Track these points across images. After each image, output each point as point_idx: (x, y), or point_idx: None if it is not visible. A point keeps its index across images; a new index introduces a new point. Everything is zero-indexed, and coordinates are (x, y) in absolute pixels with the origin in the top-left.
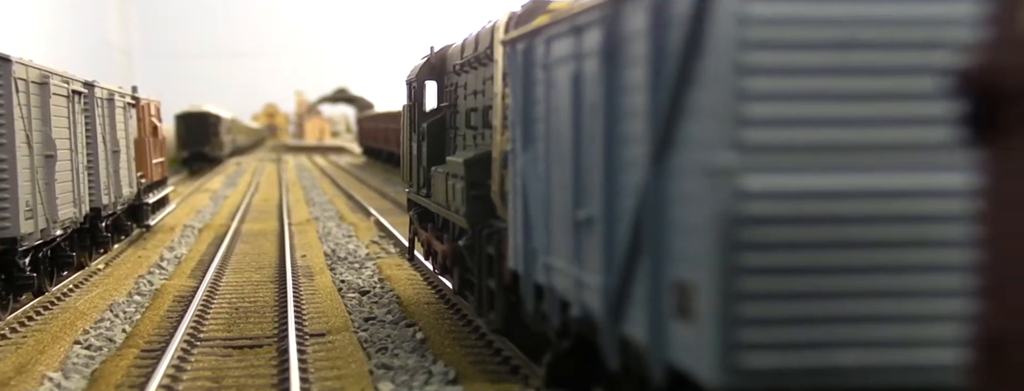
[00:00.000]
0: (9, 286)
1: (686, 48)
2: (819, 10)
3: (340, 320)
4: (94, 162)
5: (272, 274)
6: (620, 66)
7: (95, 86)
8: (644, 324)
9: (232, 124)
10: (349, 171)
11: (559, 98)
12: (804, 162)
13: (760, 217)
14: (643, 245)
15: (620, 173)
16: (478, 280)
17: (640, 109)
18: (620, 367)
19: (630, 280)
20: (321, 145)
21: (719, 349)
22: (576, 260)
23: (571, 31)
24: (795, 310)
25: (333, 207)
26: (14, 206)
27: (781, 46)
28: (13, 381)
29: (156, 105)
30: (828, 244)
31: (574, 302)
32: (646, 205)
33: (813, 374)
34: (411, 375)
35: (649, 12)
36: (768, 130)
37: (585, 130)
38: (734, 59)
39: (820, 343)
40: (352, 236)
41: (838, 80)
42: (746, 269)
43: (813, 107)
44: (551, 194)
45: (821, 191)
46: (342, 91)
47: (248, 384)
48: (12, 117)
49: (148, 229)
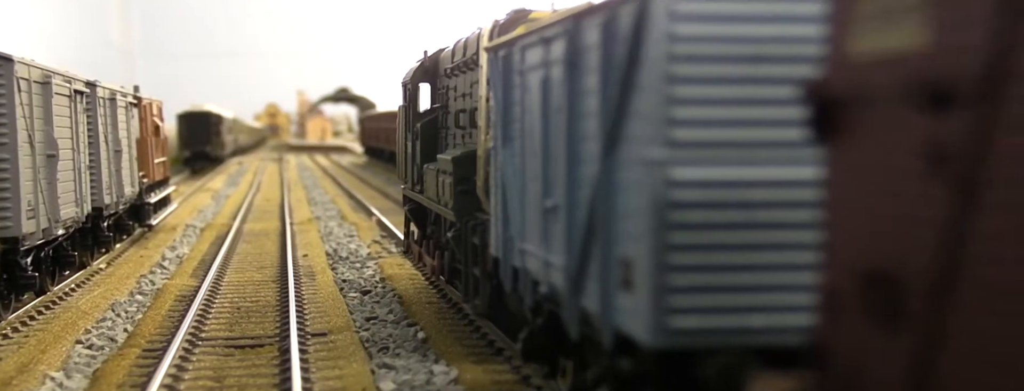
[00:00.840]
0: (11, 285)
1: (628, 60)
2: (734, 30)
3: (342, 320)
4: (96, 162)
5: (274, 274)
6: (580, 73)
7: (97, 86)
8: (597, 296)
9: (234, 124)
10: (351, 171)
11: (531, 100)
12: (719, 156)
13: (685, 202)
14: (596, 228)
15: (579, 166)
16: (465, 268)
17: (594, 110)
18: (579, 336)
19: (586, 259)
20: (323, 145)
21: (652, 314)
22: (544, 244)
23: (541, 41)
24: (713, 280)
25: (335, 207)
26: (16, 205)
27: (703, 60)
28: (15, 380)
29: (158, 105)
30: (737, 225)
31: (543, 281)
32: (598, 193)
33: (728, 333)
34: (412, 374)
35: (601, 28)
36: (692, 129)
37: (552, 128)
38: (665, 70)
39: (733, 308)
40: (354, 236)
41: (746, 88)
42: (674, 246)
43: (727, 110)
44: (525, 186)
45: (732, 181)
46: (344, 91)
47: (250, 384)
48: (14, 117)
49: (150, 229)
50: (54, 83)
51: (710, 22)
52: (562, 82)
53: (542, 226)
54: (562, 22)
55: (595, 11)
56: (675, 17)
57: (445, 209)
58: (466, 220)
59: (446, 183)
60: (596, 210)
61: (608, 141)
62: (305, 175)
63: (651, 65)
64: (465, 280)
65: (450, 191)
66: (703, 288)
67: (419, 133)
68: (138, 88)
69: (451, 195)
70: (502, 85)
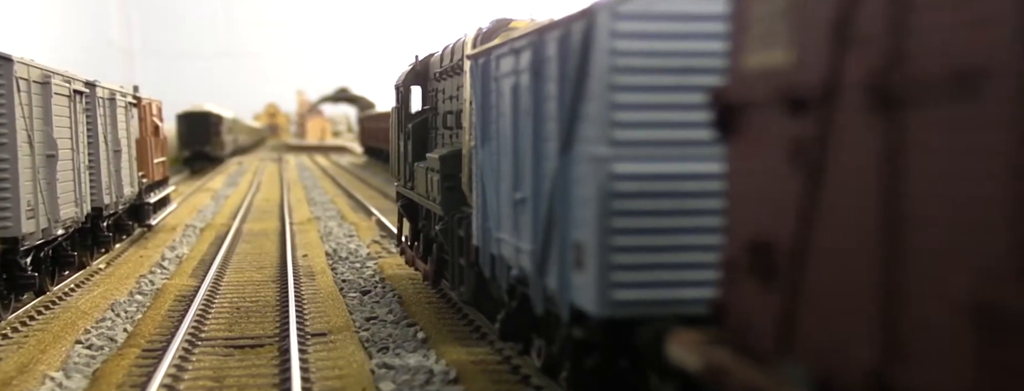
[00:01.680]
0: (11, 285)
1: (578, 71)
2: (665, 46)
3: (341, 320)
4: (95, 162)
5: (273, 274)
6: (542, 81)
7: (97, 86)
8: (557, 276)
9: (233, 124)
10: (350, 171)
11: (504, 104)
12: (653, 154)
13: (625, 192)
14: (555, 217)
15: (543, 163)
16: (451, 259)
17: (553, 114)
18: (544, 312)
19: (548, 244)
20: (322, 145)
21: (598, 289)
22: (515, 232)
23: (512, 52)
24: (648, 259)
25: (334, 206)
26: (16, 205)
27: (639, 71)
28: (15, 381)
29: (157, 105)
30: (667, 212)
31: (515, 266)
32: (556, 186)
33: (661, 305)
34: (412, 375)
35: (558, 42)
36: (630, 131)
37: (521, 129)
38: (608, 80)
39: (665, 283)
40: (353, 236)
41: (674, 96)
42: (615, 230)
43: (658, 114)
44: (500, 181)
45: (663, 174)
46: (343, 91)
47: (249, 384)
48: (13, 116)
49: (149, 229)
50: (53, 83)
51: (645, 39)
52: (528, 88)
53: (513, 216)
54: (528, 35)
55: (554, 27)
56: (616, 35)
57: (433, 204)
58: (452, 214)
59: (434, 180)
60: (555, 201)
61: (564, 141)
62: (305, 175)
63: (596, 75)
64: (452, 270)
65: (438, 187)
66: (640, 266)
67: (410, 133)
68: (138, 88)
69: (439, 191)
70: (481, 90)
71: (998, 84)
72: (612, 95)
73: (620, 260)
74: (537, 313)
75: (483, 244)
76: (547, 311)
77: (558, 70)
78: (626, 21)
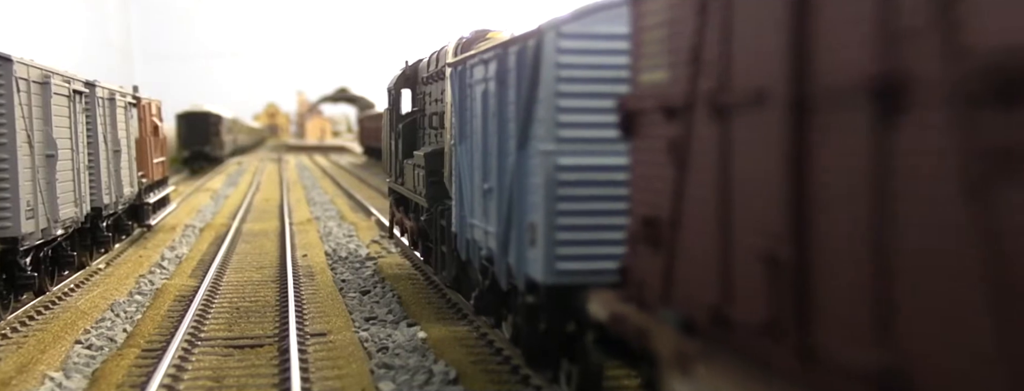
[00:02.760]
0: (10, 286)
1: (531, 81)
2: (597, 60)
3: (341, 320)
4: (95, 162)
5: (273, 274)
6: (505, 87)
7: (96, 86)
8: (516, 253)
9: (233, 124)
10: (350, 171)
11: (477, 107)
12: (587, 149)
13: (566, 181)
14: (514, 202)
15: (506, 157)
16: (435, 246)
17: (513, 116)
18: (508, 286)
19: (509, 226)
20: (322, 145)
21: (546, 261)
22: (484, 217)
23: (482, 62)
24: (584, 236)
25: (334, 207)
26: (15, 206)
27: (578, 81)
28: (14, 381)
29: (157, 105)
30: (594, 197)
31: (484, 247)
32: (515, 177)
33: (595, 274)
34: (412, 375)
35: (516, 55)
36: (570, 130)
37: (489, 129)
38: (554, 88)
39: (597, 256)
40: (353, 236)
41: (603, 101)
42: (559, 212)
43: (591, 117)
44: (473, 174)
45: (591, 166)
46: (343, 91)
47: (249, 384)
48: (13, 116)
49: (149, 229)
50: (53, 83)
51: (583, 54)
52: (495, 94)
53: (483, 204)
54: (495, 48)
55: (514, 42)
56: (560, 50)
57: (419, 197)
58: (436, 206)
59: (420, 175)
60: (514, 189)
61: (521, 138)
62: (304, 175)
63: (545, 84)
64: (436, 256)
65: (423, 182)
66: (578, 242)
67: (401, 133)
68: (137, 88)
69: (424, 185)
70: (458, 94)
71: (775, 98)
72: (557, 100)
73: (563, 237)
74: (503, 288)
75: (460, 230)
76: (510, 285)
77: (516, 78)
78: (568, 39)
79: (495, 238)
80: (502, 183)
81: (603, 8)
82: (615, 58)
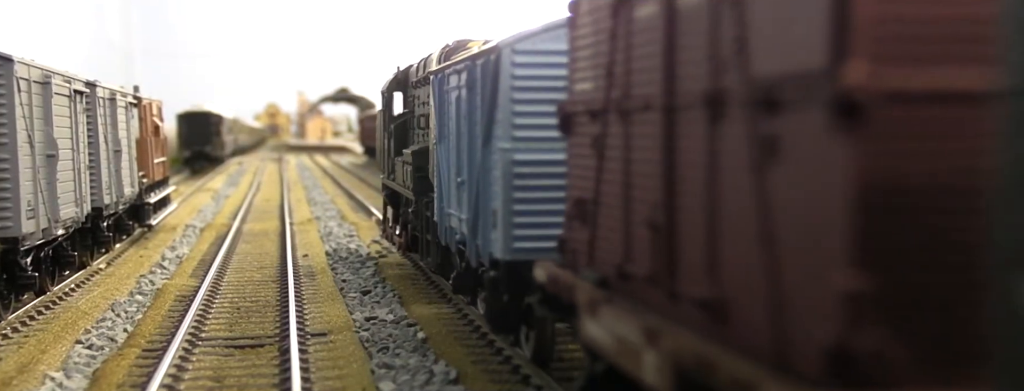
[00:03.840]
0: (11, 285)
1: (492, 88)
2: (543, 72)
3: (341, 319)
4: (96, 162)
5: (273, 274)
6: (474, 94)
7: (97, 86)
8: (482, 236)
9: (234, 124)
10: (350, 170)
11: (453, 110)
12: (537, 146)
13: (521, 173)
14: (481, 192)
15: (474, 153)
16: (421, 235)
17: (479, 119)
18: (478, 265)
19: (477, 213)
20: (322, 145)
21: (505, 241)
22: (459, 207)
23: (455, 71)
24: (535, 220)
25: (334, 207)
26: (16, 206)
27: (529, 89)
28: (15, 381)
29: (158, 105)
30: (543, 187)
31: (458, 232)
32: (481, 171)
33: (543, 251)
34: (412, 375)
35: (482, 66)
36: (523, 131)
37: (462, 130)
38: (509, 96)
39: (545, 236)
40: (354, 236)
41: (547, 107)
42: (516, 199)
43: (539, 119)
44: (450, 169)
45: (540, 161)
46: (343, 91)
47: (249, 384)
48: (14, 117)
49: (150, 229)
50: (54, 83)
51: (533, 67)
52: (466, 99)
53: (458, 195)
54: (466, 60)
55: (481, 55)
56: (514, 64)
57: (408, 191)
58: (421, 199)
59: (408, 171)
60: (481, 181)
61: (485, 138)
62: (305, 175)
63: (503, 91)
64: (422, 245)
65: (411, 177)
66: (530, 225)
67: (392, 132)
68: (138, 88)
69: (411, 180)
70: (438, 98)
71: (655, 105)
72: (512, 105)
73: (518, 221)
74: (473, 266)
75: (440, 219)
76: (479, 264)
77: (481, 87)
78: (521, 55)
79: (467, 224)
80: (472, 176)
81: (549, 29)
82: (558, 70)
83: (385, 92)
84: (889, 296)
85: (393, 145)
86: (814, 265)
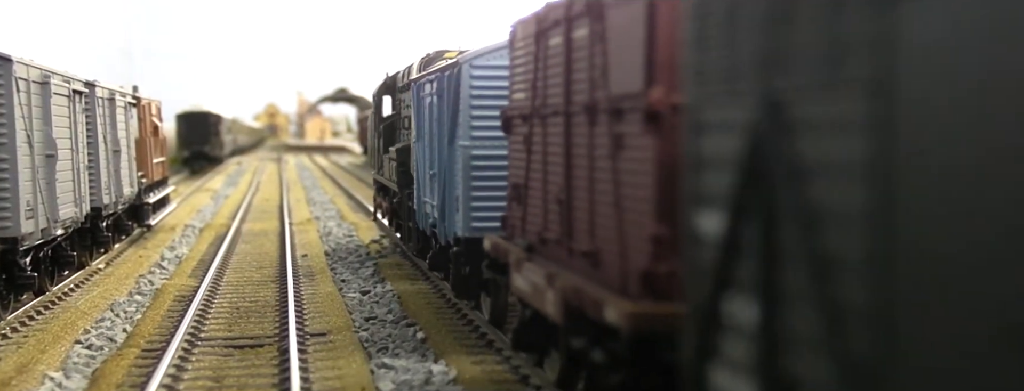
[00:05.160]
0: (10, 285)
1: (454, 96)
2: (494, 83)
3: (341, 319)
4: (95, 162)
5: (273, 274)
6: (443, 100)
7: (96, 86)
8: (449, 218)
9: (233, 124)
10: (350, 171)
11: (427, 114)
12: (488, 143)
13: (477, 166)
14: (447, 182)
15: (442, 150)
16: (404, 222)
17: (446, 121)
18: (445, 243)
19: (445, 199)
20: (322, 145)
21: (464, 221)
22: (432, 195)
23: (429, 80)
24: (485, 204)
25: (334, 207)
26: (15, 206)
27: (483, 97)
28: (14, 381)
29: (157, 105)
30: (491, 177)
31: (431, 217)
32: (448, 164)
33: (491, 230)
34: (412, 374)
35: (447, 79)
36: (479, 131)
37: (434, 130)
38: (468, 102)
39: (492, 218)
40: (353, 236)
41: (496, 112)
42: (473, 187)
43: (489, 122)
44: (425, 164)
45: (493, 155)
46: (343, 91)
47: (249, 384)
48: (13, 116)
49: (149, 229)
50: (53, 83)
51: (486, 79)
52: (437, 104)
53: (431, 186)
54: (436, 71)
55: (447, 68)
56: (472, 77)
57: (393, 184)
58: (404, 191)
59: (393, 166)
60: (447, 173)
61: (450, 137)
62: (304, 175)
63: (463, 98)
64: (405, 231)
65: (395, 172)
66: (484, 208)
67: (381, 132)
68: (137, 88)
69: (396, 174)
70: (416, 103)
71: (560, 111)
72: (470, 111)
73: (475, 205)
74: (442, 245)
75: (418, 207)
76: (446, 242)
77: (447, 94)
78: (477, 69)
79: (437, 209)
80: (441, 169)
81: (500, 48)
82: (507, 82)
83: (375, 96)
84: (676, 238)
85: (382, 144)
86: (638, 221)
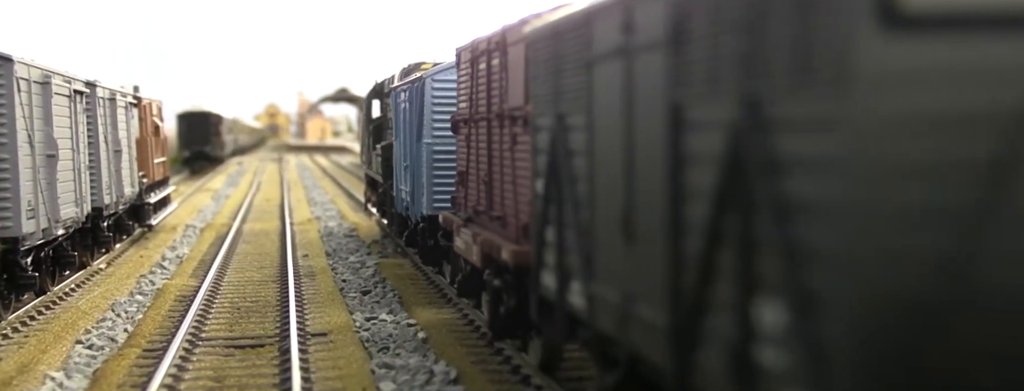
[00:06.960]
0: (11, 285)
1: (420, 103)
2: (451, 94)
3: (342, 319)
4: (96, 162)
5: (274, 273)
6: (413, 106)
7: (97, 85)
8: (416, 201)
9: (234, 124)
10: (351, 171)
11: (403, 118)
12: (446, 141)
13: (437, 158)
14: (416, 173)
15: (413, 146)
16: (389, 210)
17: (415, 123)
18: (415, 222)
19: (416, 187)
20: (322, 145)
21: (427, 202)
22: (405, 183)
23: (403, 89)
24: (443, 189)
25: (334, 207)
26: (16, 206)
27: (442, 103)
28: (15, 381)
29: (158, 105)
30: (448, 167)
31: (405, 201)
32: (417, 158)
33: (445, 209)
34: (412, 375)
35: (416, 89)
36: (438, 131)
37: (407, 130)
38: (430, 108)
39: (445, 200)
40: (354, 236)
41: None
42: (434, 175)
43: (446, 124)
44: (401, 158)
45: (449, 150)
46: (343, 91)
47: (250, 384)
48: (14, 116)
49: (150, 229)
50: (54, 83)
51: (444, 90)
52: (409, 110)
53: (405, 175)
54: (408, 82)
55: (416, 80)
56: (433, 88)
57: (379, 176)
58: (388, 182)
59: (379, 161)
60: (416, 165)
61: (418, 135)
62: (305, 175)
63: (427, 105)
64: (389, 216)
65: (381, 166)
66: (442, 192)
67: (371, 132)
68: (138, 88)
69: (381, 168)
70: (395, 108)
71: (486, 118)
72: (431, 115)
73: (436, 189)
74: (413, 223)
75: (396, 194)
76: (416, 221)
77: (416, 102)
78: (437, 82)
79: (409, 195)
80: (412, 162)
81: (453, 66)
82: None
83: (366, 99)
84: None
85: (371, 142)
86: (523, 191)
